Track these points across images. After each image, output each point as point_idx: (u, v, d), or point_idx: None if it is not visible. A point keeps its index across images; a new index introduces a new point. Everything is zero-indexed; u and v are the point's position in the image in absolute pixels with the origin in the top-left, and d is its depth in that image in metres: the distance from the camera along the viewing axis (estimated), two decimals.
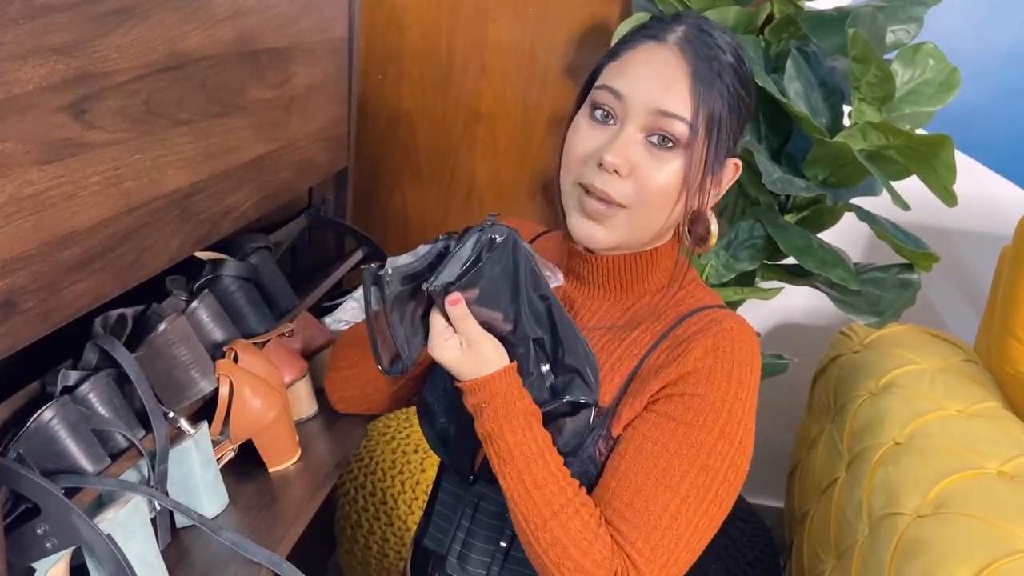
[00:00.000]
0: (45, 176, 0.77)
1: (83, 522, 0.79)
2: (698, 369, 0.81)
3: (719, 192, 0.87)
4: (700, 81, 0.81)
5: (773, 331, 2.07)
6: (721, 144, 0.83)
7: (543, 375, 0.82)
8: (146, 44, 0.90)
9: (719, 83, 0.81)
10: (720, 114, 0.82)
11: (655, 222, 0.84)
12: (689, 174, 0.81)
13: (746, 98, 0.85)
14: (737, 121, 0.84)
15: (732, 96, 0.82)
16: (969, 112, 1.83)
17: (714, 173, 0.84)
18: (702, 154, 0.82)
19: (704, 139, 0.81)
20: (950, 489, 1.16)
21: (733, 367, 0.80)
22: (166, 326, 0.97)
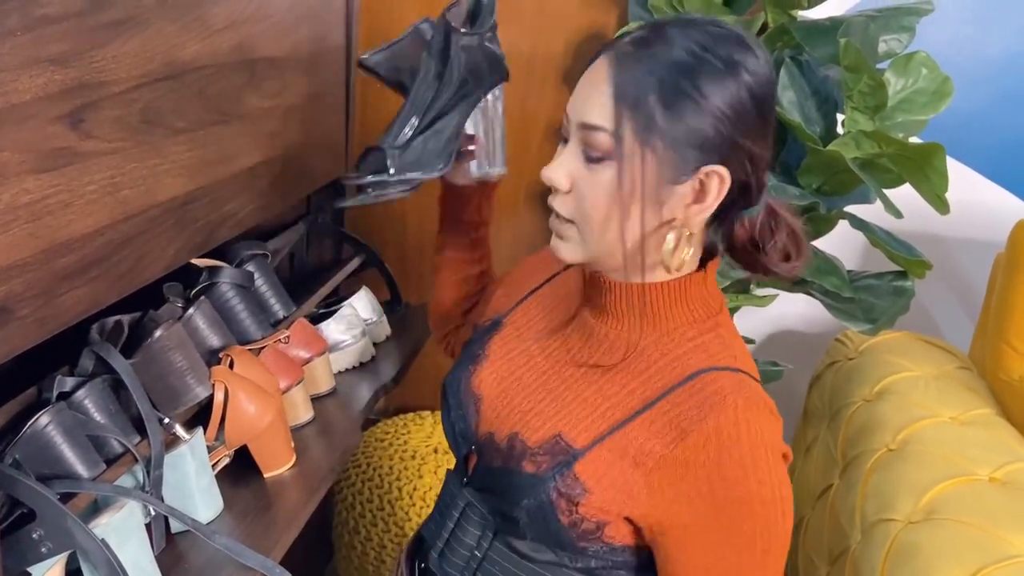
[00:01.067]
0: (42, 185, 0.78)
1: (78, 527, 0.80)
2: (704, 459, 0.75)
3: (703, 208, 0.78)
4: (622, 89, 0.76)
5: (769, 338, 2.08)
6: (667, 151, 0.75)
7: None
8: (143, 54, 0.91)
9: (653, 86, 0.75)
10: (655, 118, 0.75)
11: (606, 237, 0.79)
12: (622, 185, 0.76)
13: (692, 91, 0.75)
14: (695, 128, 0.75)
15: (670, 90, 0.74)
16: (963, 120, 1.84)
17: (676, 183, 0.77)
18: (639, 163, 0.76)
19: (635, 147, 0.76)
20: (942, 495, 1.17)
21: (744, 453, 0.75)
22: (162, 332, 0.98)
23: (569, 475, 0.80)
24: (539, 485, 0.81)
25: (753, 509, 0.75)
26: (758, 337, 2.06)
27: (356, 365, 1.43)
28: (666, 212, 0.78)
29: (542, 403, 0.86)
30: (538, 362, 0.89)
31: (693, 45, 0.75)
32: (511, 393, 0.89)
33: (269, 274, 1.30)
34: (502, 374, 0.91)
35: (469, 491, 0.90)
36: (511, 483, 0.84)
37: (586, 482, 0.79)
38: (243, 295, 1.22)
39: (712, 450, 0.75)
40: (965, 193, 1.87)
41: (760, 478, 0.75)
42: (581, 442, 0.81)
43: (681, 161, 0.76)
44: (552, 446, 0.82)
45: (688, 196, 0.78)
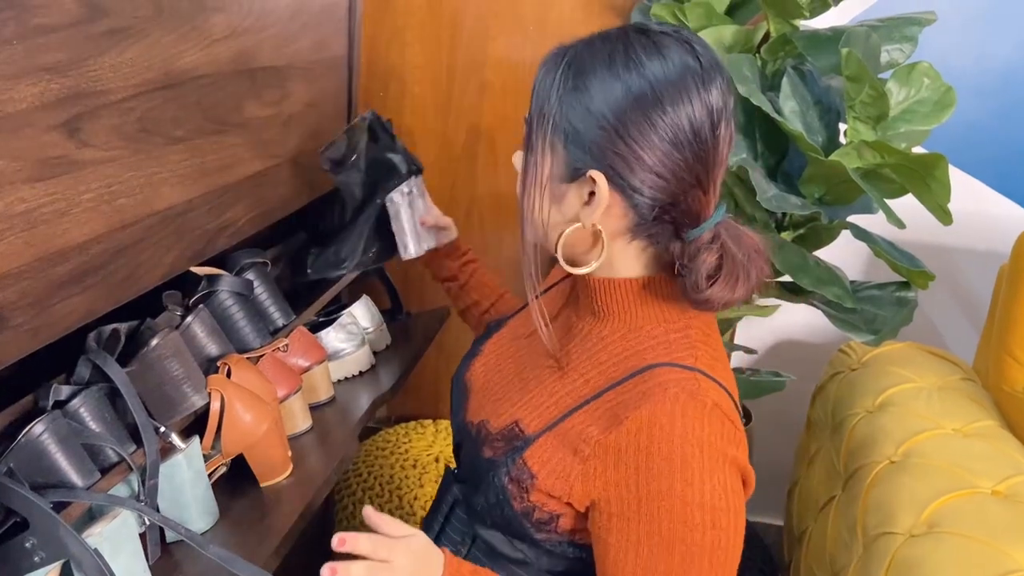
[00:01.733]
0: (37, 193, 0.78)
1: (70, 536, 0.80)
2: (634, 448, 0.75)
3: (592, 209, 0.79)
4: (539, 84, 0.80)
5: (773, 348, 2.07)
6: (561, 149, 0.78)
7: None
8: (141, 63, 0.91)
9: (558, 85, 0.78)
10: (555, 116, 0.78)
11: (531, 220, 0.83)
12: (527, 173, 0.82)
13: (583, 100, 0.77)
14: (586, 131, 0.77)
15: (568, 94, 0.77)
16: (969, 130, 1.83)
17: (565, 180, 0.80)
18: (541, 157, 0.80)
19: (541, 142, 0.80)
20: (944, 508, 1.16)
21: (673, 447, 0.73)
22: (158, 341, 0.98)
23: (520, 461, 0.82)
24: (494, 470, 0.83)
25: (673, 508, 0.73)
26: (762, 347, 2.05)
27: (356, 374, 1.42)
28: (566, 210, 0.81)
29: (510, 392, 0.89)
30: (521, 356, 0.93)
31: (599, 48, 0.77)
32: (492, 385, 0.93)
33: (269, 282, 1.30)
34: (489, 368, 0.95)
35: (458, 486, 0.93)
36: (475, 468, 0.87)
37: (533, 467, 0.81)
38: (242, 303, 1.22)
39: (643, 439, 0.74)
40: (971, 204, 1.86)
41: (687, 478, 0.73)
42: (533, 429, 0.83)
43: (571, 161, 0.79)
44: (508, 432, 0.85)
45: (583, 197, 0.80)
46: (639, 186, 0.77)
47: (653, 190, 0.77)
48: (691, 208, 0.79)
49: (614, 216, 0.79)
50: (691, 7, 1.58)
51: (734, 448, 0.77)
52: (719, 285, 0.78)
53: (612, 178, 0.77)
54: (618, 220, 0.80)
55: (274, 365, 1.19)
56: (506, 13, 1.89)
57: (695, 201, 0.79)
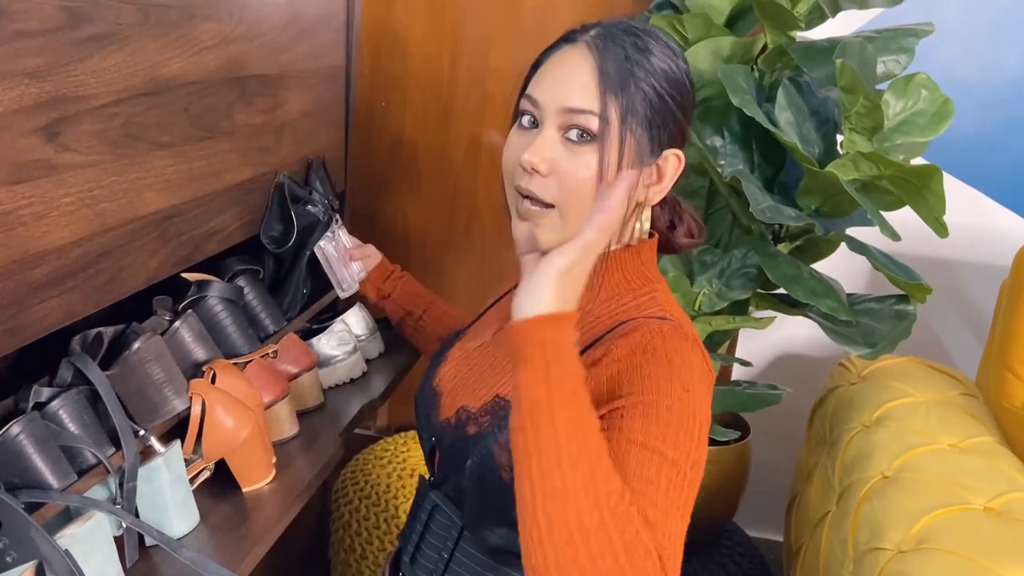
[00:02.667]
0: (14, 196, 0.79)
1: (41, 537, 0.80)
2: (629, 368, 0.75)
3: (662, 188, 0.85)
4: (607, 74, 0.81)
5: (773, 362, 2.05)
6: (643, 133, 0.81)
7: None
8: (125, 69, 0.92)
9: (632, 75, 0.81)
10: (635, 102, 0.81)
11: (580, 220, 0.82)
12: (604, 165, 0.80)
13: (669, 90, 0.83)
14: (663, 111, 0.83)
15: (650, 86, 0.82)
16: (973, 142, 1.81)
17: (644, 164, 0.83)
18: (619, 145, 0.81)
19: (620, 129, 0.81)
20: (934, 524, 1.14)
21: (670, 365, 0.74)
22: (140, 345, 0.99)
23: (508, 428, 0.77)
24: (481, 442, 0.83)
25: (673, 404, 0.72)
26: (764, 360, 2.03)
27: (347, 381, 1.43)
28: (637, 192, 0.83)
29: (484, 374, 0.90)
30: (491, 351, 0.93)
31: (665, 48, 0.85)
32: (464, 378, 0.93)
33: (260, 289, 1.31)
34: (458, 368, 0.95)
35: (435, 493, 0.92)
36: (458, 450, 0.86)
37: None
38: (232, 309, 1.22)
39: (637, 358, 0.75)
40: (974, 216, 1.84)
41: (686, 384, 0.73)
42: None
43: (650, 144, 0.83)
44: (492, 406, 0.85)
45: (652, 177, 0.85)
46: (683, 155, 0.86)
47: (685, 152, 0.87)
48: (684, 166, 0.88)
49: (665, 192, 0.87)
50: (689, 18, 1.58)
51: (708, 385, 0.78)
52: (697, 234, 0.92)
53: (684, 150, 0.86)
54: (662, 195, 0.87)
55: (261, 371, 1.19)
56: (508, 25, 1.89)
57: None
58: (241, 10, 1.14)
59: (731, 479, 1.76)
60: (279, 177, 1.33)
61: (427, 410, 0.97)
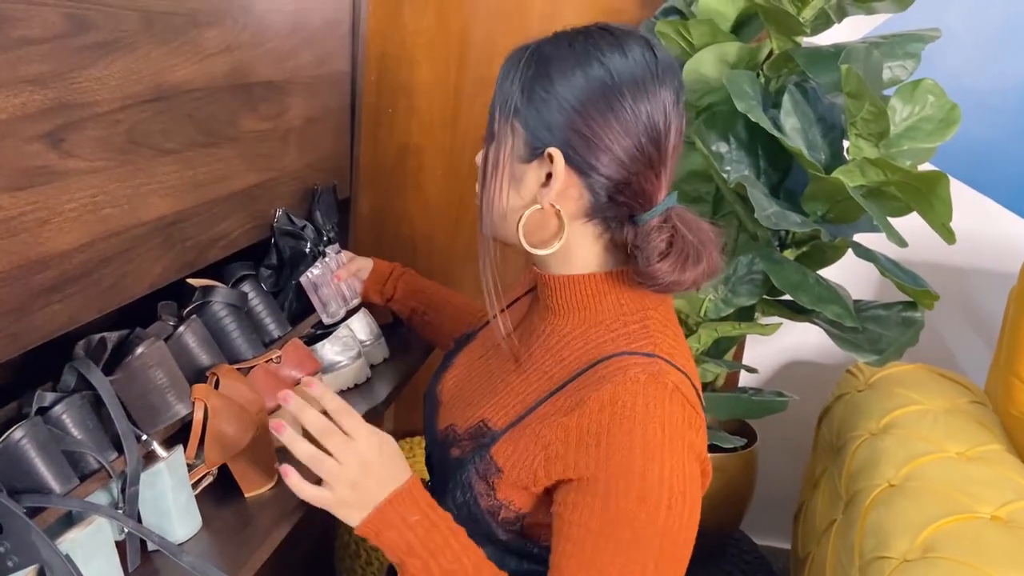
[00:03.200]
0: (18, 202, 0.80)
1: (42, 541, 0.80)
2: (596, 427, 0.76)
3: (551, 188, 0.82)
4: (501, 75, 0.85)
5: (781, 369, 2.04)
6: (521, 131, 0.82)
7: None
8: (129, 76, 0.93)
9: (519, 74, 0.82)
10: (515, 101, 0.82)
11: (491, 208, 0.86)
12: (488, 160, 0.85)
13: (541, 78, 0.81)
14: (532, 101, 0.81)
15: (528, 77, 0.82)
16: (982, 148, 1.80)
17: (524, 161, 0.83)
18: (503, 142, 0.84)
19: (503, 126, 0.84)
20: (940, 533, 1.13)
21: (635, 425, 0.75)
22: (143, 350, 0.99)
23: (487, 456, 0.83)
24: (461, 468, 0.84)
25: (631, 484, 0.74)
26: (771, 367, 2.02)
27: (351, 386, 1.43)
28: (524, 191, 0.84)
29: (477, 396, 0.91)
30: (490, 364, 0.94)
31: (563, 40, 0.83)
32: (461, 392, 0.94)
33: (264, 294, 1.31)
34: (459, 378, 0.97)
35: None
36: (444, 471, 0.89)
37: (499, 462, 0.82)
38: (236, 315, 1.23)
39: (605, 417, 0.76)
40: (982, 222, 1.83)
41: (648, 453, 0.74)
42: (500, 425, 0.85)
43: (530, 142, 0.83)
44: (476, 431, 0.86)
45: (540, 178, 0.83)
46: (595, 164, 0.81)
47: (608, 169, 0.81)
48: (644, 189, 0.83)
49: (571, 197, 0.83)
50: (695, 24, 1.58)
51: (693, 433, 0.78)
52: (668, 262, 0.81)
53: (569, 157, 0.81)
54: (575, 201, 0.83)
55: (265, 376, 1.19)
56: (514, 32, 1.90)
57: (648, 182, 0.82)
58: (246, 17, 1.15)
59: (738, 487, 1.75)
60: (276, 212, 1.35)
61: (430, 415, 0.99)
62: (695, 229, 0.84)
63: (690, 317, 1.56)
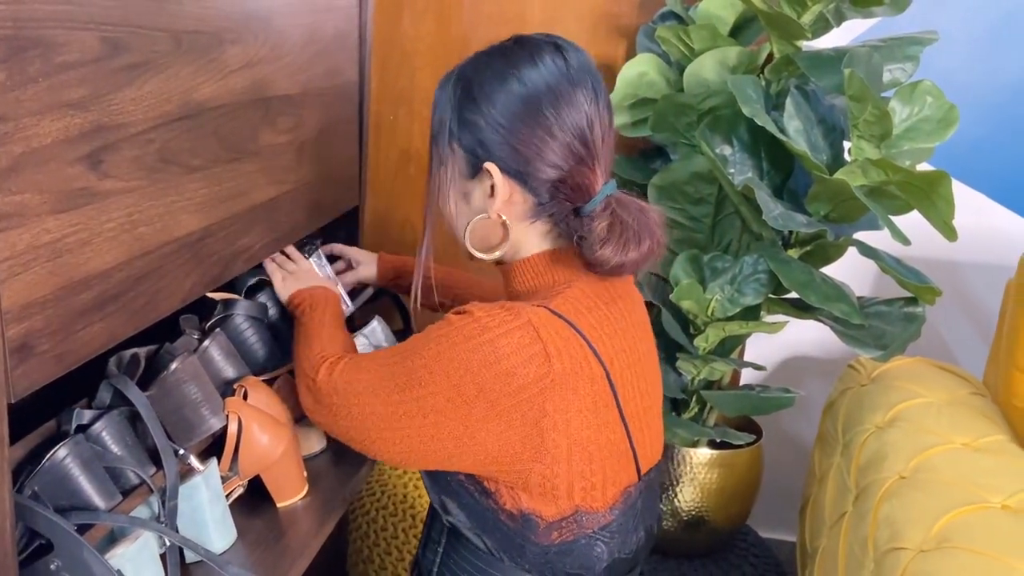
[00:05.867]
0: (61, 224, 0.81)
1: (94, 558, 0.82)
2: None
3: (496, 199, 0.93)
4: (435, 102, 0.97)
5: (783, 364, 2.08)
6: (460, 151, 0.94)
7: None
8: (160, 96, 0.94)
9: (449, 98, 0.95)
10: (450, 124, 0.94)
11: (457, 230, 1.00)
12: (436, 182, 0.98)
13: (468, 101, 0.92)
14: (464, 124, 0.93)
15: (457, 101, 0.94)
16: (977, 146, 1.84)
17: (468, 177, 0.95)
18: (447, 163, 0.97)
19: (445, 150, 0.96)
20: (953, 523, 1.16)
21: (429, 334, 0.90)
22: (177, 365, 1.00)
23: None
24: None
25: (404, 350, 0.93)
26: (772, 363, 2.06)
27: None
28: (474, 204, 0.96)
29: None
30: None
31: (481, 60, 0.94)
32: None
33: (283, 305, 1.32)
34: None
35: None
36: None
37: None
38: (257, 327, 1.24)
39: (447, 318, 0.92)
40: (979, 218, 1.88)
41: (420, 349, 0.90)
42: None
43: (471, 159, 0.94)
44: None
45: (486, 191, 0.94)
46: (530, 170, 0.91)
47: (543, 172, 0.91)
48: (580, 184, 0.92)
49: (515, 202, 0.94)
50: (695, 29, 1.61)
51: (517, 360, 0.86)
52: (610, 247, 0.90)
53: (505, 167, 0.92)
54: (519, 205, 0.94)
55: (290, 387, 1.21)
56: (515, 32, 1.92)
57: (583, 177, 0.92)
58: (265, 32, 1.16)
59: (745, 482, 1.79)
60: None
61: None
62: (635, 212, 0.93)
63: (698, 317, 1.59)
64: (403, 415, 0.90)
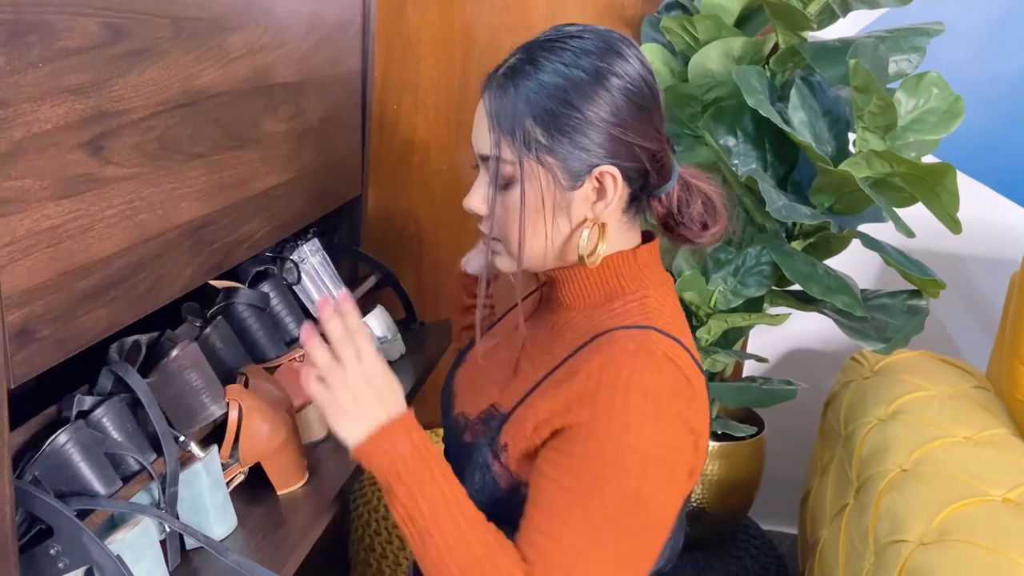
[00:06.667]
0: (62, 210, 0.81)
1: (94, 543, 0.82)
2: (581, 395, 0.78)
3: (607, 203, 0.85)
4: (495, 116, 0.84)
5: (785, 357, 2.07)
6: (553, 160, 0.83)
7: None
8: (161, 83, 0.94)
9: (516, 110, 0.82)
10: (538, 138, 0.82)
11: (532, 247, 0.87)
12: (526, 203, 0.84)
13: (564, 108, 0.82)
14: (567, 129, 0.82)
15: (542, 111, 0.82)
16: (981, 138, 1.83)
17: (573, 187, 0.84)
18: (536, 180, 0.84)
19: (530, 166, 0.83)
20: (954, 516, 1.16)
21: (616, 391, 0.77)
22: (178, 352, 1.00)
23: (498, 437, 0.86)
24: (476, 452, 0.87)
25: (606, 448, 0.76)
26: (774, 356, 2.06)
27: None
28: (574, 215, 0.86)
29: (487, 382, 0.94)
30: (500, 354, 0.97)
31: (559, 65, 0.83)
32: (472, 383, 0.97)
33: (284, 293, 1.32)
34: (471, 369, 1.00)
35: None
36: (458, 457, 0.90)
37: (504, 440, 0.85)
38: (258, 315, 1.24)
39: (592, 385, 0.78)
40: (983, 211, 1.87)
41: (626, 421, 0.76)
42: (507, 406, 0.87)
43: (572, 169, 0.84)
44: (486, 415, 0.89)
45: (590, 196, 0.85)
46: (633, 162, 0.85)
47: (641, 160, 0.85)
48: (666, 163, 0.87)
49: (613, 205, 0.86)
50: (700, 19, 1.60)
51: (683, 404, 0.79)
52: (715, 222, 0.89)
53: (621, 167, 0.84)
54: (619, 201, 0.87)
55: (291, 375, 1.21)
56: (518, 27, 1.91)
57: (666, 156, 0.87)
58: (267, 20, 1.16)
59: (746, 474, 1.79)
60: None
61: (446, 408, 1.01)
62: (702, 177, 0.91)
63: (700, 309, 1.58)
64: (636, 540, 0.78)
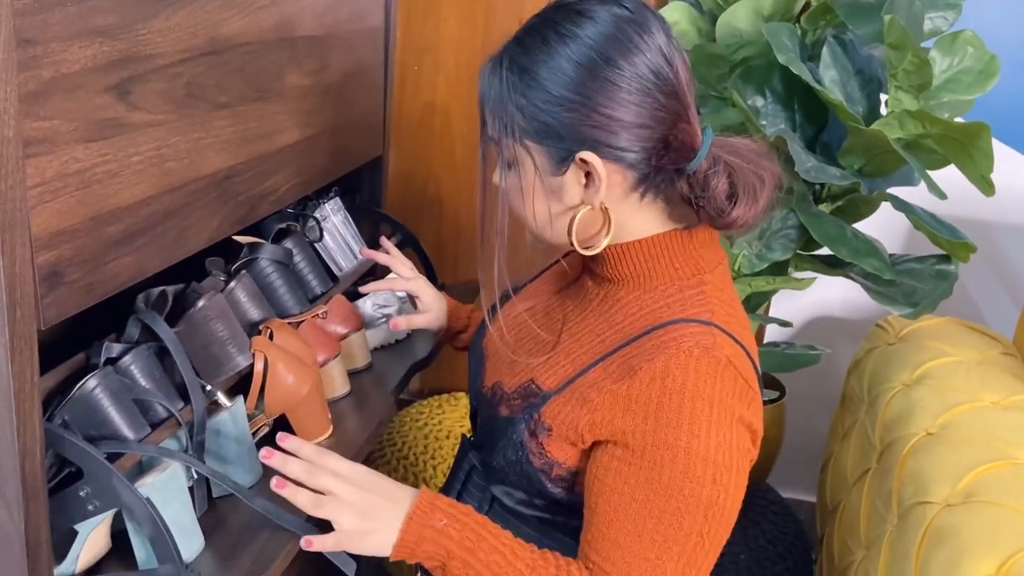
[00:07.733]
0: (90, 153, 0.80)
1: (123, 486, 0.82)
2: (645, 401, 0.76)
3: (599, 187, 0.79)
4: (488, 99, 0.81)
5: (810, 322, 2.06)
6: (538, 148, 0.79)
7: None
8: (188, 29, 0.93)
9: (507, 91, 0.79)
10: (518, 121, 0.79)
11: (544, 231, 0.84)
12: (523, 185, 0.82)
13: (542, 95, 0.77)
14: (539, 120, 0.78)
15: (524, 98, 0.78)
16: (1013, 103, 1.79)
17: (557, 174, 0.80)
18: (526, 164, 0.81)
19: (519, 150, 0.80)
20: (981, 479, 1.15)
21: (684, 401, 0.75)
22: (204, 302, 1.01)
23: (537, 416, 0.83)
24: (511, 428, 0.85)
25: (676, 458, 0.75)
26: (798, 321, 2.04)
27: (391, 343, 1.44)
28: (567, 200, 0.82)
29: (524, 352, 0.91)
30: (537, 319, 0.94)
31: (525, 38, 0.79)
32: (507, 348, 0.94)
33: (307, 251, 1.32)
34: (506, 330, 0.96)
35: (473, 452, 0.95)
36: (492, 428, 0.88)
37: (549, 422, 0.82)
38: (282, 271, 1.24)
39: (655, 390, 0.76)
40: (1014, 177, 1.83)
41: (694, 430, 0.74)
42: (549, 385, 0.85)
43: (553, 156, 0.80)
44: (525, 390, 0.86)
45: (580, 181, 0.81)
46: (627, 145, 0.78)
47: (641, 142, 0.78)
48: (683, 142, 0.79)
49: (615, 184, 0.80)
50: None
51: (744, 406, 0.78)
52: (740, 204, 0.79)
53: (599, 150, 0.78)
54: (620, 186, 0.81)
55: (314, 331, 1.21)
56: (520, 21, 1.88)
57: (683, 134, 0.79)
58: None
59: (767, 440, 1.77)
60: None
61: (476, 368, 0.99)
62: (744, 154, 0.81)
63: None
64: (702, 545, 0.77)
